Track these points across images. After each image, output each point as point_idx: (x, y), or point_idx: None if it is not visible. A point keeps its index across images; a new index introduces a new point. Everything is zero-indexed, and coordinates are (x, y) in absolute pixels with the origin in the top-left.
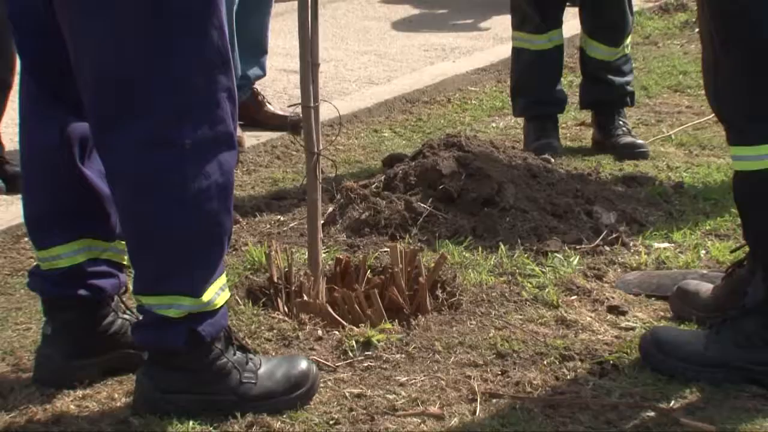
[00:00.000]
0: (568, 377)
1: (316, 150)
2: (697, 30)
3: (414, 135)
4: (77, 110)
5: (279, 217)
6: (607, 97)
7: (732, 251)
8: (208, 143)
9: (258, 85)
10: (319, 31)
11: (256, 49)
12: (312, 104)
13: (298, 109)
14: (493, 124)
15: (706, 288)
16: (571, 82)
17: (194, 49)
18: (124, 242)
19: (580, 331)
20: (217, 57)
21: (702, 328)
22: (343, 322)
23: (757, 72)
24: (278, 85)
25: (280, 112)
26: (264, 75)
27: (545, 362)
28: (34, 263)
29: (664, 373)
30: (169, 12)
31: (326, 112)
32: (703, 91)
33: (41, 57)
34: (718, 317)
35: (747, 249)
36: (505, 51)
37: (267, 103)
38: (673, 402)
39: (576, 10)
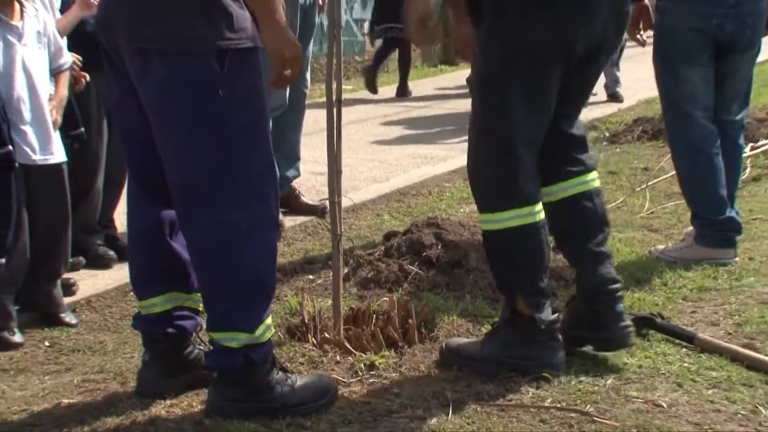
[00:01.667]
0: (515, 388)
1: (339, 232)
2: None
3: (405, 218)
4: (167, 202)
5: (309, 276)
6: None
7: None
8: (258, 224)
9: (294, 183)
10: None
11: (292, 157)
12: (336, 199)
13: (325, 202)
14: (461, 210)
15: (472, 340)
16: None
17: (249, 158)
18: (199, 294)
19: None
20: (265, 162)
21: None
22: (355, 351)
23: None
24: (309, 183)
25: (311, 203)
26: (299, 176)
27: (498, 378)
28: (137, 310)
29: (456, 367)
30: (232, 133)
31: (343, 202)
32: (611, 186)
33: (142, 163)
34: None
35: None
36: None
37: (301, 196)
38: (588, 406)
39: None
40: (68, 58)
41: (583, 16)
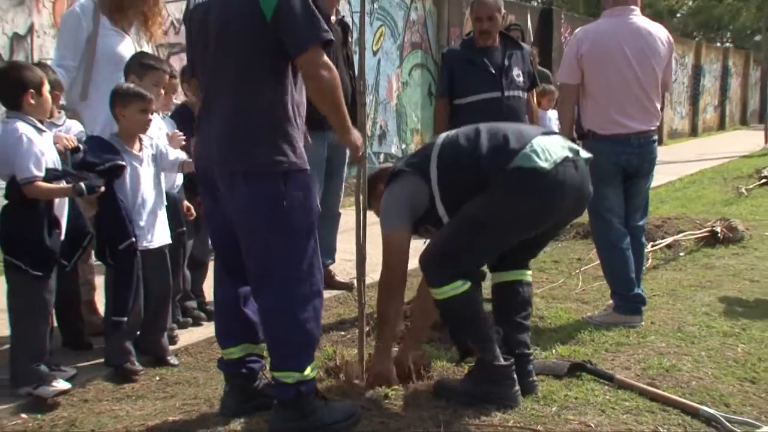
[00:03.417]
0: (487, 413)
1: (363, 302)
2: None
3: (409, 291)
4: (242, 279)
5: (341, 333)
6: None
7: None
8: (308, 295)
9: (331, 267)
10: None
11: (330, 249)
12: (362, 278)
13: (353, 280)
14: None
15: (456, 378)
16: None
17: (303, 250)
18: (264, 344)
19: None
20: (313, 252)
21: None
22: (375, 385)
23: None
24: (341, 267)
25: (343, 281)
26: (333, 262)
27: (474, 406)
28: (220, 355)
29: (444, 398)
30: (291, 233)
31: (366, 280)
32: (555, 270)
33: (226, 252)
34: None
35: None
36: None
37: (335, 276)
38: (539, 426)
39: None
40: (180, 181)
41: (554, 205)
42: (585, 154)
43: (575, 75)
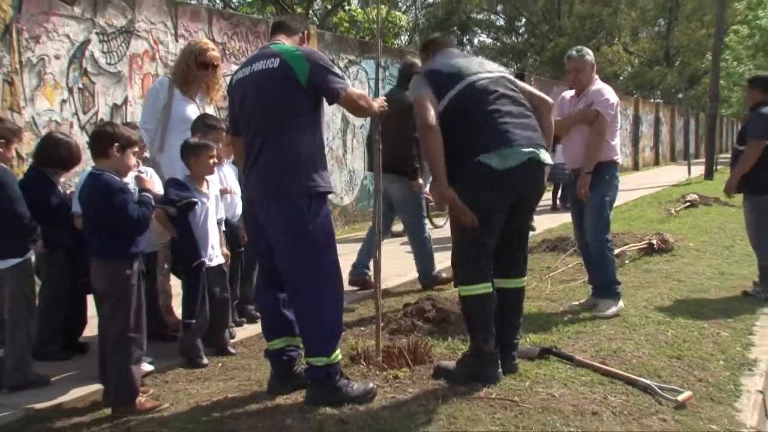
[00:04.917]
0: (476, 388)
1: (378, 303)
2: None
3: (416, 294)
4: (281, 287)
5: (362, 328)
6: None
7: None
8: (331, 297)
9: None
10: (382, 259)
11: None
12: (379, 284)
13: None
14: (446, 291)
15: (451, 362)
16: None
17: (325, 261)
18: (300, 337)
19: None
20: (335, 262)
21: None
22: (387, 368)
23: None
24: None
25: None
26: (370, 271)
27: (466, 383)
28: (266, 347)
29: (442, 377)
30: (316, 249)
31: (381, 286)
32: (528, 276)
33: (267, 267)
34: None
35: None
36: None
37: (372, 278)
38: (516, 396)
39: None
40: (239, 211)
41: (515, 183)
42: (548, 160)
43: None
